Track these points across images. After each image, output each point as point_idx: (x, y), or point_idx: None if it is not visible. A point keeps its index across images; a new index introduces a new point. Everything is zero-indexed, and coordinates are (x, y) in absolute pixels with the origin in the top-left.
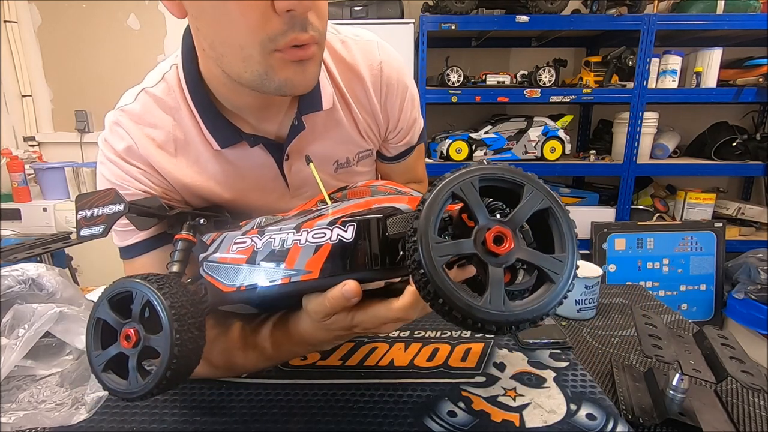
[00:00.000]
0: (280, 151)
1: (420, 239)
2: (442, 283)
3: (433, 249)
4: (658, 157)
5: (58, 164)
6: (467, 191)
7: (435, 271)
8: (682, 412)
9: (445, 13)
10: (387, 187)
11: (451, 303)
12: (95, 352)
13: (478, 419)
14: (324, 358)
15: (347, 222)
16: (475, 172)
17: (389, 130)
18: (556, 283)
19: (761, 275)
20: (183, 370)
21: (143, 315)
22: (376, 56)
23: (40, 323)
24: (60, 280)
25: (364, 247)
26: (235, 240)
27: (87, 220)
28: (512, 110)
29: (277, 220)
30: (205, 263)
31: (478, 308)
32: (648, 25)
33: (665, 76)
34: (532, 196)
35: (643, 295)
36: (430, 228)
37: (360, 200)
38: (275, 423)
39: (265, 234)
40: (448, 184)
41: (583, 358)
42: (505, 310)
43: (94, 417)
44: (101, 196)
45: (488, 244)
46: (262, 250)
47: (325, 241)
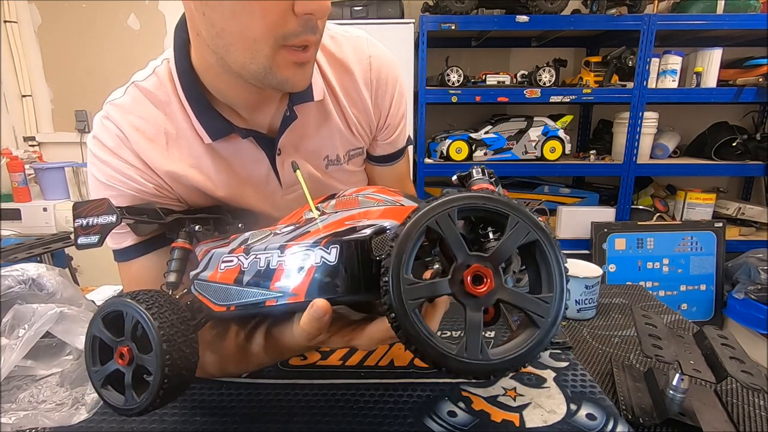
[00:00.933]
0: (272, 147)
1: (390, 280)
2: (413, 330)
3: (404, 292)
4: (658, 157)
5: (58, 164)
6: (444, 225)
7: (406, 316)
8: (682, 412)
9: (445, 13)
10: (376, 196)
11: (423, 351)
12: (93, 367)
13: (478, 419)
14: (324, 358)
15: (330, 244)
16: (453, 203)
17: (379, 126)
18: (541, 327)
19: (761, 275)
20: (176, 387)
21: (135, 333)
22: (365, 51)
23: (41, 323)
24: (60, 280)
25: (348, 270)
26: (222, 258)
27: (83, 229)
28: (512, 110)
29: (264, 236)
30: (196, 282)
31: (453, 357)
32: (648, 25)
33: (665, 76)
34: (518, 228)
35: (643, 295)
36: (402, 268)
37: (348, 213)
38: (275, 423)
39: (250, 253)
40: (423, 216)
41: (583, 358)
42: (483, 359)
43: (94, 417)
44: (95, 206)
45: (467, 285)
46: (249, 270)
47: (309, 263)
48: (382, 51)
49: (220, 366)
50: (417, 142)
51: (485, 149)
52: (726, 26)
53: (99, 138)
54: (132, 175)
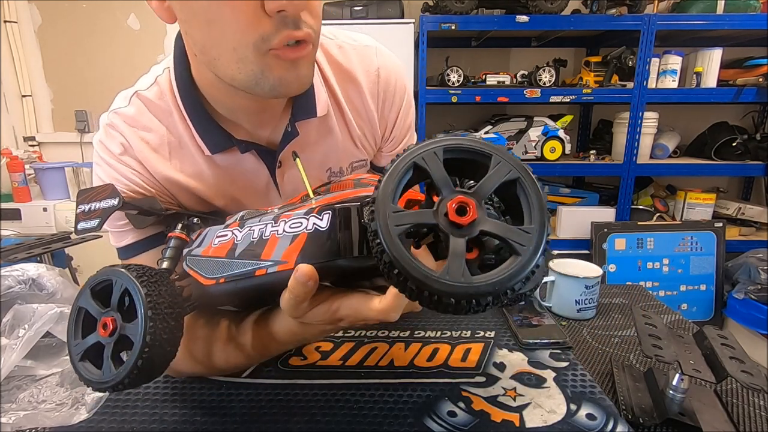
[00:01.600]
0: (272, 158)
1: (377, 207)
2: (397, 252)
3: (390, 217)
4: (658, 157)
5: (58, 164)
6: (430, 161)
7: (390, 239)
8: (682, 412)
9: (445, 13)
10: (371, 180)
11: (406, 273)
12: (74, 341)
13: (478, 419)
14: (324, 358)
15: (323, 210)
16: (440, 143)
17: (384, 137)
18: (522, 255)
19: (761, 275)
20: (156, 360)
21: (122, 304)
22: (373, 61)
23: (41, 323)
24: (60, 281)
25: (339, 235)
26: (217, 233)
27: (84, 215)
28: (512, 110)
29: (259, 214)
30: (188, 257)
31: (435, 278)
32: (648, 25)
33: (665, 76)
34: (500, 167)
35: (643, 295)
36: (387, 196)
37: (342, 192)
38: (275, 423)
39: (245, 226)
40: (411, 154)
41: (583, 358)
42: (464, 282)
43: (94, 417)
44: (99, 191)
45: (450, 214)
46: (242, 242)
47: (302, 230)
48: (391, 61)
49: (208, 358)
50: None
51: None
52: (726, 26)
53: (104, 143)
54: (135, 180)
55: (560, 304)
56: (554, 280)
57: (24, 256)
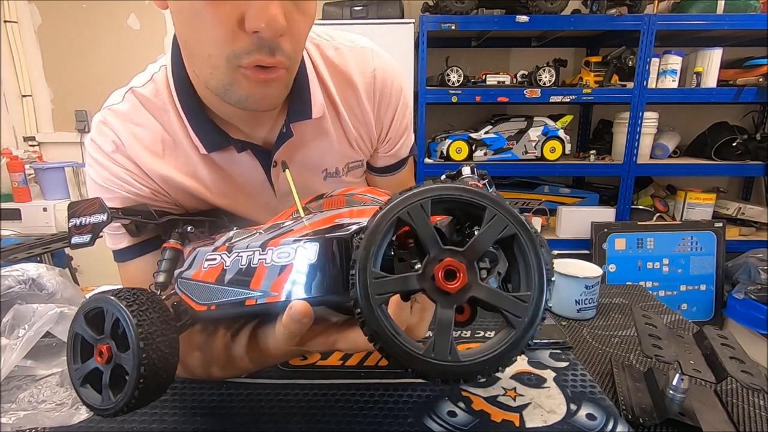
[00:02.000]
0: (268, 158)
1: (357, 274)
2: (378, 327)
3: (371, 285)
4: (658, 157)
5: (58, 164)
6: (416, 216)
7: (371, 312)
8: (682, 412)
9: (445, 13)
10: (364, 196)
11: (389, 349)
12: (74, 365)
13: (478, 419)
14: (324, 358)
15: (310, 241)
16: (426, 194)
17: (380, 138)
18: (516, 328)
19: (761, 275)
20: (153, 388)
21: (116, 332)
22: (369, 63)
23: (41, 323)
24: (60, 281)
25: (328, 269)
26: (206, 257)
27: (77, 229)
28: (512, 110)
29: (248, 235)
30: (180, 280)
31: (419, 358)
32: (648, 25)
33: (665, 76)
34: (495, 222)
35: (643, 295)
36: (369, 261)
37: (333, 212)
38: (275, 423)
39: (233, 251)
40: (393, 208)
41: (583, 358)
42: (452, 361)
43: (94, 417)
44: (88, 205)
45: (437, 280)
46: (230, 268)
47: (289, 261)
48: (387, 62)
49: (205, 368)
50: (417, 142)
51: (485, 149)
52: (726, 26)
53: (96, 142)
54: (128, 179)
55: (560, 304)
56: (554, 280)
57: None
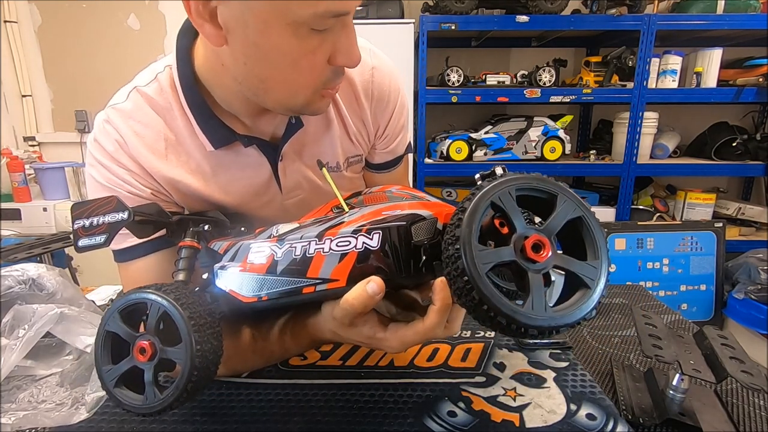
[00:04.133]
0: (274, 153)
1: (463, 247)
2: (486, 290)
3: (476, 257)
4: (658, 157)
5: (58, 164)
6: (505, 200)
7: (480, 278)
8: (682, 412)
9: (445, 13)
10: (403, 192)
11: (495, 309)
12: (105, 367)
13: (478, 419)
14: (324, 358)
15: (372, 230)
16: (513, 182)
17: (377, 135)
18: (592, 288)
19: (761, 275)
20: (203, 381)
21: (158, 327)
22: (368, 62)
23: (41, 324)
24: (60, 281)
25: (389, 255)
26: (251, 249)
27: (85, 230)
28: (512, 110)
29: (294, 228)
30: (221, 272)
31: (522, 314)
32: (648, 25)
33: (665, 76)
34: (565, 206)
35: (643, 295)
36: (472, 236)
37: (379, 206)
38: (275, 423)
39: (285, 243)
40: (488, 193)
41: (583, 358)
42: (547, 316)
43: (94, 417)
44: (101, 204)
45: (527, 251)
46: (283, 259)
47: (351, 249)
48: (385, 62)
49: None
50: (417, 142)
51: (485, 149)
52: (726, 26)
53: (99, 141)
54: (129, 180)
55: None
56: (554, 280)
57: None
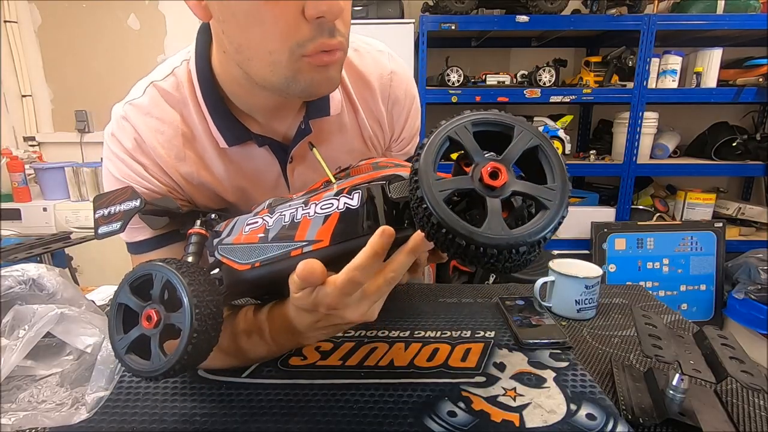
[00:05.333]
0: (285, 153)
1: (421, 178)
2: (444, 214)
3: (433, 185)
4: (658, 157)
5: (58, 164)
6: (462, 135)
7: (437, 203)
8: (682, 412)
9: (445, 13)
10: (388, 163)
11: (454, 231)
12: (117, 336)
13: (478, 419)
14: (324, 358)
15: (352, 190)
16: (469, 117)
17: (393, 138)
18: (550, 208)
19: (761, 275)
20: (203, 345)
21: (163, 297)
22: (386, 66)
23: (41, 324)
24: (60, 281)
25: (370, 211)
26: (247, 221)
27: (104, 219)
28: (512, 110)
29: (286, 200)
30: (220, 247)
31: (479, 233)
32: (648, 25)
33: (665, 76)
34: (522, 135)
35: (643, 295)
36: (429, 167)
37: (363, 174)
38: (275, 423)
39: (275, 212)
40: (445, 128)
41: (583, 358)
42: (504, 234)
43: (94, 417)
44: (118, 194)
45: (485, 178)
46: (274, 226)
47: (333, 210)
48: (403, 67)
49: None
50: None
51: None
52: (726, 26)
53: (116, 136)
54: (146, 175)
55: (560, 304)
56: (554, 280)
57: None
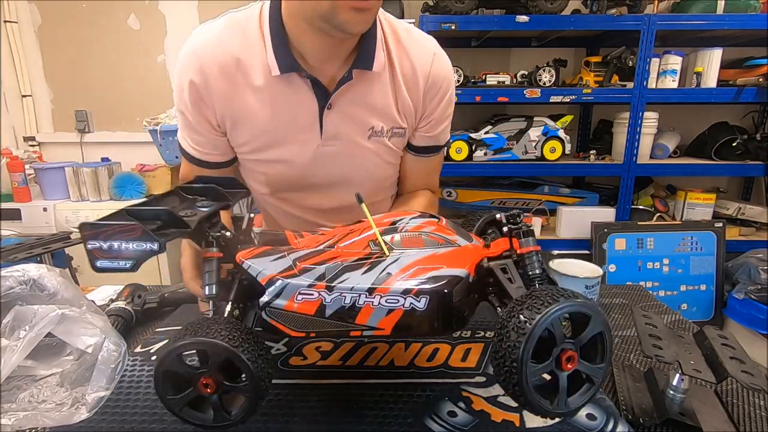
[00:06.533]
0: (325, 98)
1: (521, 367)
2: (531, 397)
3: (529, 375)
4: (658, 157)
5: (58, 164)
6: (556, 326)
7: (529, 390)
8: (682, 412)
9: (445, 13)
10: (436, 236)
11: (532, 407)
12: (170, 395)
13: (478, 419)
14: (324, 358)
15: (420, 293)
16: (564, 308)
17: (423, 116)
18: (595, 384)
19: (761, 275)
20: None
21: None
22: (430, 50)
23: (42, 325)
24: (61, 281)
25: (433, 316)
26: (300, 290)
27: (104, 253)
28: (512, 110)
29: (338, 271)
30: (268, 309)
31: (550, 410)
32: (648, 25)
33: (665, 76)
34: (595, 324)
35: (643, 295)
36: (529, 356)
37: (422, 255)
38: (275, 423)
39: (334, 291)
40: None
41: None
42: (564, 408)
43: (94, 417)
44: (122, 230)
45: (562, 363)
46: (331, 305)
47: (398, 306)
48: (445, 57)
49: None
50: None
51: (485, 149)
52: (726, 26)
53: (185, 64)
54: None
55: None
56: (554, 280)
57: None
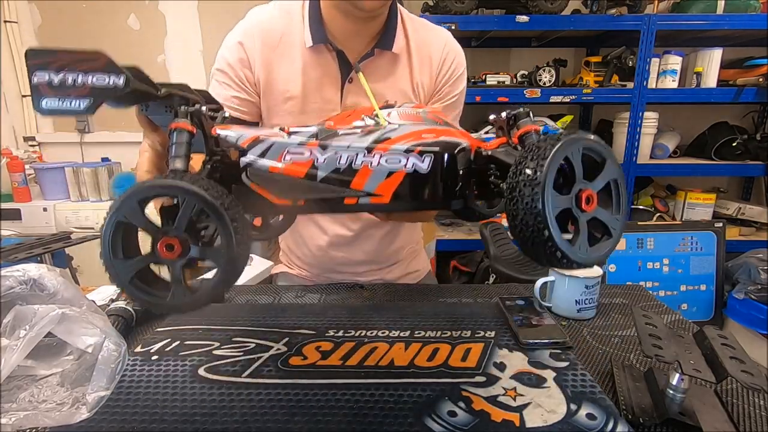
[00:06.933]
0: (348, 71)
1: (542, 191)
2: (555, 231)
3: (552, 202)
4: (658, 157)
5: (58, 164)
6: (575, 156)
7: (551, 220)
8: (682, 412)
9: (445, 13)
10: (435, 116)
11: (557, 246)
12: (117, 260)
13: (478, 419)
14: (324, 358)
15: (425, 153)
16: (582, 141)
17: (436, 91)
18: (613, 236)
19: (761, 275)
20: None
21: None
22: (443, 34)
23: (42, 325)
24: (61, 281)
25: (435, 179)
26: (288, 149)
27: (54, 88)
28: None
29: (332, 134)
30: (250, 171)
31: (572, 251)
32: (648, 25)
33: (665, 76)
34: (611, 169)
35: (643, 295)
36: (550, 182)
37: (419, 127)
38: (275, 423)
39: (328, 149)
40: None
41: (583, 358)
42: (585, 254)
43: (94, 417)
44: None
45: (582, 203)
46: (325, 165)
47: (400, 167)
48: (457, 44)
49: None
50: None
51: None
52: (726, 26)
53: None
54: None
55: (560, 304)
56: (554, 280)
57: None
